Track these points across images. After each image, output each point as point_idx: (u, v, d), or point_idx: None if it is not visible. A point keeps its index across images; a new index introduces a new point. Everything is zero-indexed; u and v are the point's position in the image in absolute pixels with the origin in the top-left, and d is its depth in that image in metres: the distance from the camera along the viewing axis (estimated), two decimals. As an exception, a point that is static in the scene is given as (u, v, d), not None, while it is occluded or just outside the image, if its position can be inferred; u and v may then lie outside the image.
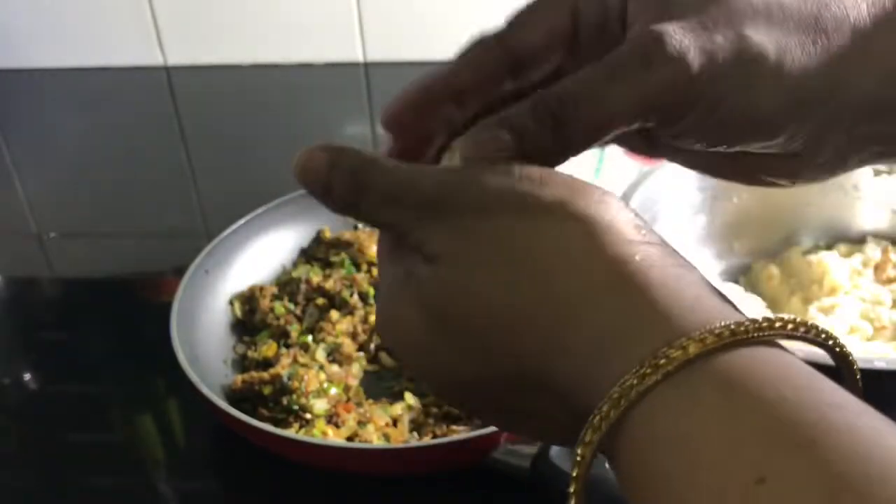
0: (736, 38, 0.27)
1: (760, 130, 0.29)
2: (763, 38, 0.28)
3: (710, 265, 0.68)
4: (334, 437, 0.56)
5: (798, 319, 0.25)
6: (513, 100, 0.31)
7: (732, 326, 0.23)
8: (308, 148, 0.30)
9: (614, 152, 0.72)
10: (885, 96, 0.29)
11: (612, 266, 0.25)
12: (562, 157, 0.29)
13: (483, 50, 0.32)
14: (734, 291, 0.66)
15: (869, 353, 0.59)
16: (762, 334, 0.24)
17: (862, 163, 0.32)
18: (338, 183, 0.30)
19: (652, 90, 0.27)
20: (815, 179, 0.32)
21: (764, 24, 0.28)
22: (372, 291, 0.68)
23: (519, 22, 0.32)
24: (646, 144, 0.33)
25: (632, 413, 0.23)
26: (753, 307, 0.64)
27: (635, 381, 0.23)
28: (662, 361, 0.23)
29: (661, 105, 0.28)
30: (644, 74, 0.27)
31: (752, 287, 0.68)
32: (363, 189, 0.29)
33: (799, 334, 0.25)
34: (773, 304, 0.66)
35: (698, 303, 0.25)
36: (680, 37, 0.27)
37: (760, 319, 0.24)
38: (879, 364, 0.50)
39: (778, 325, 0.24)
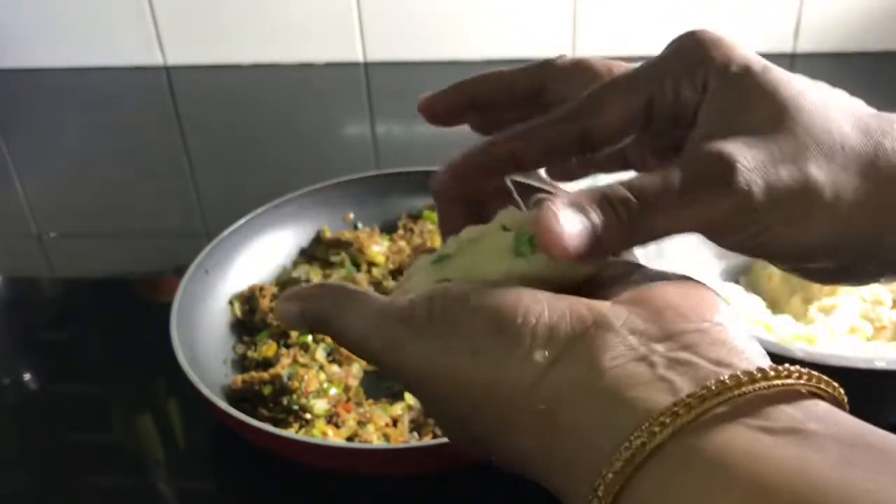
0: (800, 175, 0.29)
1: (802, 256, 0.31)
2: (824, 177, 0.29)
3: (710, 265, 0.68)
4: (334, 437, 0.56)
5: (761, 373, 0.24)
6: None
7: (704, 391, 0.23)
8: (282, 297, 0.33)
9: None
10: None
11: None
12: (625, 250, 0.31)
13: (557, 125, 0.33)
14: (734, 291, 0.66)
15: (869, 353, 0.59)
16: (738, 392, 0.23)
17: None
18: (313, 329, 0.33)
19: (717, 212, 0.29)
20: (844, 283, 0.34)
21: (826, 162, 0.29)
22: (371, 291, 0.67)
23: (596, 103, 0.32)
24: None
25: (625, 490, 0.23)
26: (754, 307, 0.64)
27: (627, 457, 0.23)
28: (647, 437, 0.23)
29: (723, 224, 0.29)
30: (712, 200, 0.29)
31: (752, 287, 0.68)
32: (334, 337, 0.32)
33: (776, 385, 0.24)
34: (773, 304, 0.66)
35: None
36: (750, 168, 0.28)
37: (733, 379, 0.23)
38: (879, 364, 0.50)
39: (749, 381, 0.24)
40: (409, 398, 0.60)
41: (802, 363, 0.49)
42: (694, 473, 0.22)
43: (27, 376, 0.70)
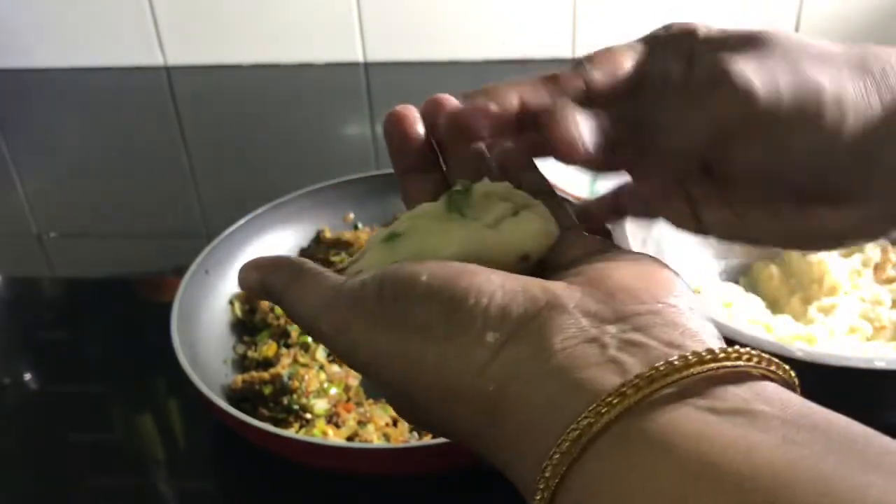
0: (795, 73, 0.30)
1: (817, 164, 0.31)
2: (820, 76, 0.30)
3: (710, 265, 0.68)
4: (334, 437, 0.56)
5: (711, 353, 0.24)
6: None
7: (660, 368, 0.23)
8: (245, 265, 0.34)
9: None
10: None
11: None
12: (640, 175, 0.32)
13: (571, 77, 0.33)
14: (734, 291, 0.66)
15: (869, 353, 0.59)
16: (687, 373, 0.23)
17: None
18: (270, 300, 0.33)
19: (722, 114, 0.30)
20: (865, 237, 0.33)
21: (818, 63, 0.30)
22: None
23: (600, 57, 0.33)
24: (694, 218, 0.34)
25: (571, 471, 0.23)
26: (753, 307, 0.64)
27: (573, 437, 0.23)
28: (596, 417, 0.23)
29: (730, 134, 0.30)
30: (717, 100, 0.30)
31: (752, 287, 0.68)
32: (286, 311, 0.32)
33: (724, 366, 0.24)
34: (773, 304, 0.66)
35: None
36: (744, 71, 0.30)
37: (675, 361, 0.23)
38: (879, 364, 0.50)
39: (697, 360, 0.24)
40: (409, 398, 0.60)
41: (802, 363, 0.49)
42: (640, 454, 0.22)
43: (27, 376, 0.70)
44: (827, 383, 0.53)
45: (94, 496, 0.59)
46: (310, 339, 0.64)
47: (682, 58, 0.32)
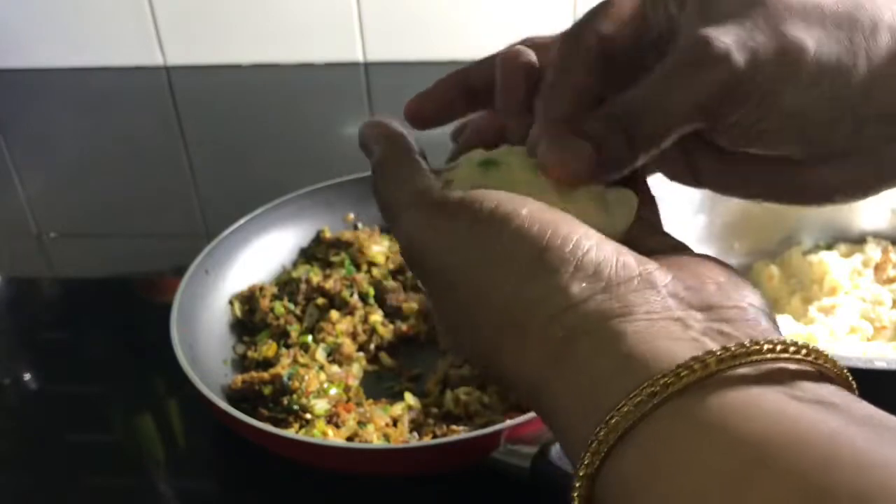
0: (775, 35, 0.29)
1: (804, 125, 0.30)
2: (801, 34, 0.29)
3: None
4: (334, 437, 0.56)
5: (786, 343, 0.24)
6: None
7: (720, 353, 0.23)
8: (369, 122, 0.34)
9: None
10: None
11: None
12: (633, 164, 0.31)
13: (575, 26, 0.33)
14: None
15: (869, 353, 0.59)
16: (752, 359, 0.23)
17: None
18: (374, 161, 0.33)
19: (705, 90, 0.29)
20: (859, 193, 0.33)
21: (801, 21, 0.29)
22: (372, 291, 0.68)
23: (603, 8, 0.33)
24: (690, 172, 0.34)
25: (627, 437, 0.23)
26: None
27: (631, 407, 0.23)
28: (661, 386, 0.23)
29: (714, 104, 0.29)
30: (697, 76, 0.29)
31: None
32: (375, 179, 0.32)
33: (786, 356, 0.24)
34: (773, 304, 0.66)
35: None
36: (724, 38, 0.29)
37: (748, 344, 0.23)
38: (879, 364, 0.50)
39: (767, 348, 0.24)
40: (409, 398, 0.60)
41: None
42: (709, 427, 0.22)
43: (27, 376, 0.70)
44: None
45: (94, 496, 0.59)
46: (310, 339, 0.64)
47: (678, 6, 0.31)
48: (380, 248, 0.72)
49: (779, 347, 0.23)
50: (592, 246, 0.27)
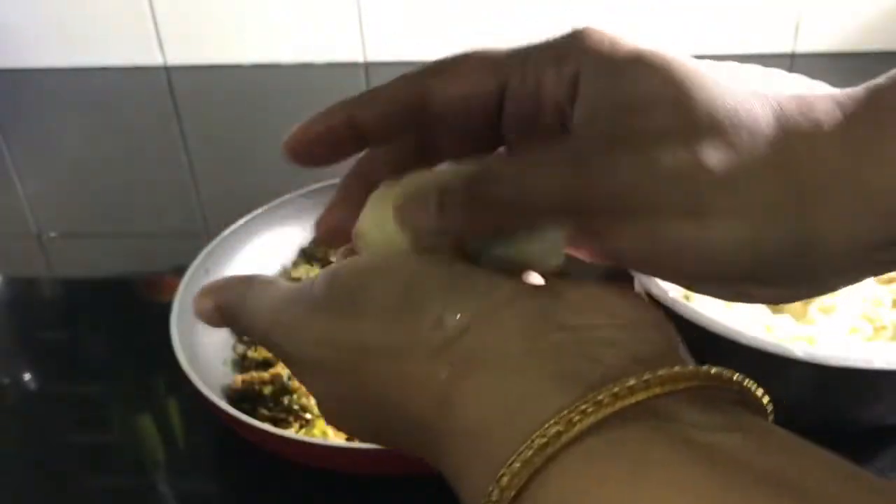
0: (687, 155, 0.25)
1: (721, 270, 0.27)
2: (721, 160, 0.25)
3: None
4: (334, 437, 0.56)
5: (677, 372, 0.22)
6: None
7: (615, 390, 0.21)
8: (197, 293, 0.32)
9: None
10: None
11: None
12: (476, 233, 0.28)
13: (397, 83, 0.30)
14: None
15: (869, 353, 0.59)
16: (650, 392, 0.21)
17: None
18: (227, 324, 0.31)
19: (572, 190, 0.25)
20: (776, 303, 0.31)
21: (725, 144, 0.25)
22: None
23: (442, 67, 0.29)
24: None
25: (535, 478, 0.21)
26: (754, 307, 0.64)
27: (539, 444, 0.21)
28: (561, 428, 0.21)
29: (595, 209, 0.26)
30: (573, 177, 0.25)
31: (752, 287, 0.68)
32: (243, 330, 0.31)
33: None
34: (772, 304, 0.66)
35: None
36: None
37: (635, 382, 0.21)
38: (879, 364, 0.50)
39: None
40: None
41: (802, 363, 0.49)
42: (617, 469, 0.20)
43: (27, 376, 0.70)
44: (827, 383, 0.53)
45: (94, 496, 0.59)
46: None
47: (560, 83, 0.27)
48: (380, 248, 0.72)
49: (684, 371, 0.21)
50: (459, 274, 0.25)
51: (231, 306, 0.30)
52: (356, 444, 0.55)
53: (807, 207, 0.25)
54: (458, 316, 0.24)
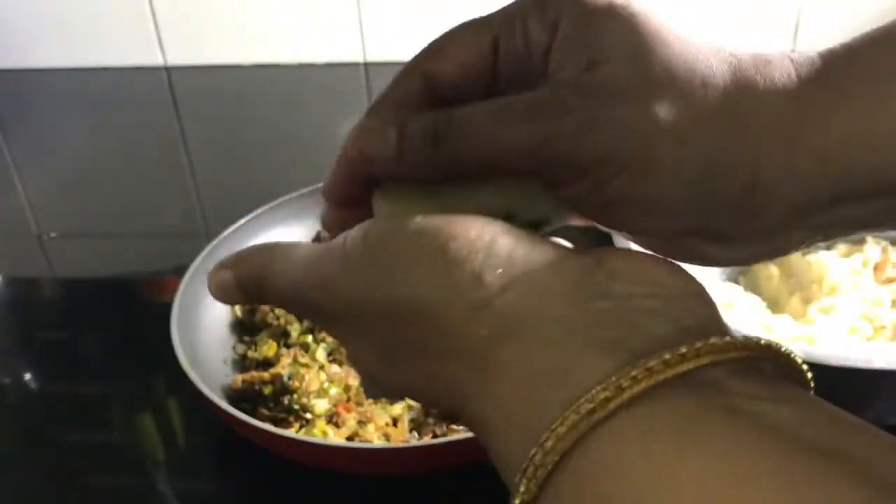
0: (638, 111, 0.26)
1: (667, 219, 0.27)
2: (671, 115, 0.25)
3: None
4: (334, 437, 0.56)
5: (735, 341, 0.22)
6: None
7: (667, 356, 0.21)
8: (213, 268, 0.31)
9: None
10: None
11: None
12: (437, 177, 0.28)
13: (398, 78, 0.31)
14: (734, 291, 0.66)
15: (869, 353, 0.59)
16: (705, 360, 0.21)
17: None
18: (248, 296, 0.30)
19: (534, 142, 0.26)
20: (738, 264, 0.31)
21: (679, 99, 0.26)
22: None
23: (439, 46, 0.30)
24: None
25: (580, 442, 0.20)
26: (753, 307, 0.64)
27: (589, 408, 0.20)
28: (616, 389, 0.20)
29: (548, 159, 0.26)
30: (529, 125, 0.26)
31: (752, 287, 0.68)
32: (267, 296, 0.30)
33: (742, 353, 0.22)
34: (772, 304, 0.66)
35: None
36: (567, 92, 0.26)
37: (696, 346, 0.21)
38: (879, 364, 0.50)
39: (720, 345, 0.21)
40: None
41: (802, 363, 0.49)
42: (665, 439, 0.20)
43: (27, 376, 0.70)
44: (827, 383, 0.53)
45: (94, 496, 0.59)
46: (310, 339, 0.64)
47: (544, 30, 0.28)
48: (380, 248, 0.72)
49: (737, 342, 0.21)
50: (499, 231, 0.25)
51: (253, 277, 0.30)
52: (356, 444, 0.56)
53: (751, 160, 0.25)
54: (499, 271, 0.23)
